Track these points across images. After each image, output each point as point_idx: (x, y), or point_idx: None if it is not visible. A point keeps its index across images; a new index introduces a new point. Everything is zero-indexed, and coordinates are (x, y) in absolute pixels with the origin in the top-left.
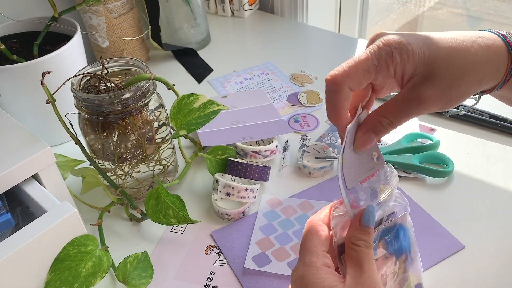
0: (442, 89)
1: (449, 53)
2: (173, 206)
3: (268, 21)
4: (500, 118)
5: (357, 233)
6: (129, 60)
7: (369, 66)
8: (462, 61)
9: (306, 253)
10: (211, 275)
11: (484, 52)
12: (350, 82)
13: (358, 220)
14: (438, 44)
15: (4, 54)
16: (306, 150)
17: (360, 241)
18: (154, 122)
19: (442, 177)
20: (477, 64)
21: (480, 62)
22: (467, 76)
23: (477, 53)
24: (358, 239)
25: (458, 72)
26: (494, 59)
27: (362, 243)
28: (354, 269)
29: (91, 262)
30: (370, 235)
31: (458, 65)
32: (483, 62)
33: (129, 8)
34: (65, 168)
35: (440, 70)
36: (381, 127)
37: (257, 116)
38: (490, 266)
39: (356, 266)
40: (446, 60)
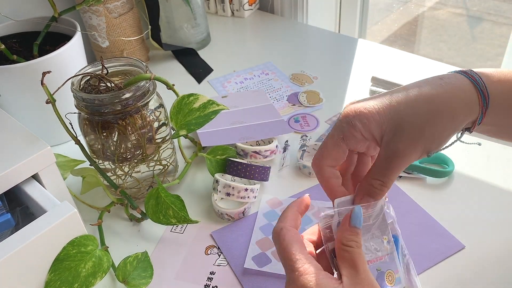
0: (413, 138)
1: (410, 104)
2: (173, 206)
3: (268, 21)
4: None
5: (347, 234)
6: (129, 60)
7: (336, 141)
8: (425, 106)
9: (294, 262)
10: (211, 275)
11: (448, 92)
12: (327, 161)
13: (348, 222)
14: (398, 98)
15: (4, 54)
16: (306, 150)
17: (351, 242)
18: (154, 122)
19: (442, 177)
20: (444, 105)
21: (446, 102)
22: (436, 119)
23: (440, 95)
24: (349, 240)
25: (423, 118)
26: (460, 95)
27: (353, 244)
28: (349, 270)
29: (91, 262)
30: (359, 236)
31: (421, 111)
32: (449, 101)
33: (129, 8)
34: (65, 168)
35: (405, 121)
36: (375, 189)
37: (257, 116)
38: (490, 266)
39: (351, 266)
40: (408, 110)
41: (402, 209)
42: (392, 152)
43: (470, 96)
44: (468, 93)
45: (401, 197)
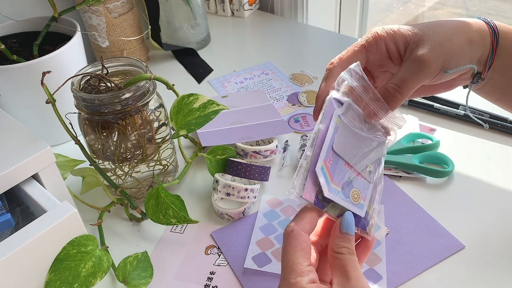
0: (434, 50)
1: (433, 27)
2: (173, 206)
3: (268, 21)
4: (500, 118)
5: (339, 241)
6: (129, 60)
7: (358, 47)
8: (445, 28)
9: (290, 271)
10: (211, 275)
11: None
12: (342, 63)
13: (338, 228)
14: (422, 25)
15: (4, 54)
16: None
17: (343, 249)
18: (154, 122)
19: (442, 177)
20: (460, 28)
21: (463, 27)
22: (454, 37)
23: (457, 24)
24: (340, 247)
25: (443, 36)
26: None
27: (344, 250)
28: (340, 278)
29: (91, 262)
30: (352, 242)
31: (442, 31)
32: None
33: (129, 8)
34: (65, 168)
35: (428, 37)
36: (389, 93)
37: (257, 116)
38: (490, 266)
39: (342, 274)
40: (431, 30)
41: (402, 209)
42: (415, 58)
43: (483, 29)
44: (482, 27)
45: (401, 197)
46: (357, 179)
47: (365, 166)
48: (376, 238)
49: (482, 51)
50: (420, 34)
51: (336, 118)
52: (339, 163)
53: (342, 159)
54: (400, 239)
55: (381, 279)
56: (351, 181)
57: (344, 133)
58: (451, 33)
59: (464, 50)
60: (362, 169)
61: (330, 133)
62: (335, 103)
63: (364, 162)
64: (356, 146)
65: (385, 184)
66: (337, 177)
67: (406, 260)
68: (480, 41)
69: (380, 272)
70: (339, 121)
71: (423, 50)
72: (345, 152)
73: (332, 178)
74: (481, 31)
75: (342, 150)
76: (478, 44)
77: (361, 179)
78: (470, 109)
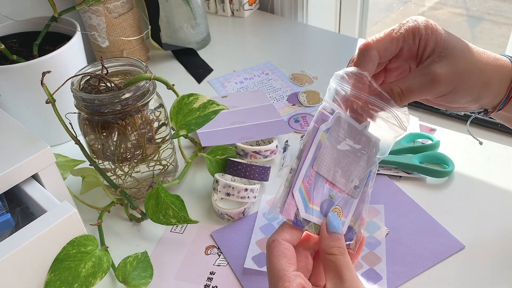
0: (454, 72)
1: (465, 47)
2: (173, 206)
3: (268, 21)
4: None
5: (329, 242)
6: (129, 60)
7: (397, 33)
8: (474, 57)
9: (277, 279)
10: (211, 275)
11: (493, 62)
12: (379, 45)
13: (325, 229)
14: (458, 38)
15: (4, 54)
16: None
17: (334, 248)
18: (154, 122)
19: (442, 177)
20: (486, 66)
21: (489, 66)
22: (476, 72)
23: (488, 58)
24: (331, 247)
25: (470, 64)
26: (499, 72)
27: (336, 250)
28: (334, 280)
29: (91, 262)
30: (341, 241)
31: (470, 59)
32: (490, 68)
33: (129, 8)
34: (65, 168)
35: (456, 56)
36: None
37: (257, 116)
38: (490, 266)
39: (336, 276)
40: (463, 51)
41: (402, 209)
42: (431, 72)
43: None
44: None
45: (401, 197)
46: (339, 196)
47: (350, 181)
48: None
49: (495, 96)
50: (450, 49)
51: (321, 134)
52: (319, 181)
53: (322, 177)
54: (400, 239)
55: (381, 279)
56: (331, 199)
57: (328, 149)
58: (477, 67)
59: (477, 92)
60: (346, 185)
61: (312, 151)
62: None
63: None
64: (340, 163)
65: (385, 184)
66: (317, 196)
67: (406, 260)
68: (497, 88)
69: (380, 272)
70: (323, 137)
71: (442, 69)
72: (327, 170)
73: (310, 199)
74: (502, 76)
75: (323, 168)
76: (494, 90)
77: (343, 195)
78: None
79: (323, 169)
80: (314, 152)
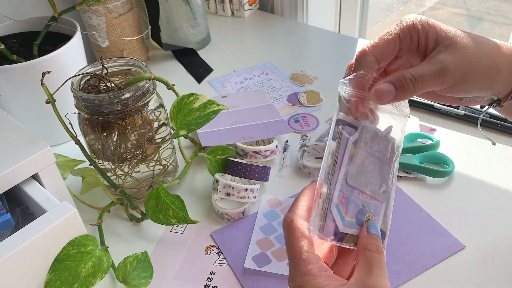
0: (462, 58)
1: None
2: (173, 206)
3: (268, 21)
4: (500, 118)
5: (367, 239)
6: (129, 60)
7: (391, 34)
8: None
9: (298, 261)
10: (211, 275)
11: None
12: (375, 50)
13: (365, 230)
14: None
15: (4, 54)
16: (306, 150)
17: (371, 245)
18: (154, 122)
19: (442, 177)
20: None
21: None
22: (485, 56)
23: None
24: (369, 244)
25: (476, 50)
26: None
27: (373, 247)
28: (363, 268)
29: (91, 262)
30: (379, 241)
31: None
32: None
33: (129, 8)
34: (65, 168)
35: (461, 43)
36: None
37: (257, 116)
38: (490, 266)
39: (365, 270)
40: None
41: (402, 209)
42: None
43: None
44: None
45: (401, 197)
46: (370, 203)
47: (380, 187)
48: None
49: (508, 83)
50: (452, 38)
51: (350, 146)
52: (353, 193)
53: (356, 189)
54: (400, 239)
55: None
56: (364, 207)
57: (359, 161)
58: (482, 52)
59: (488, 77)
60: (376, 192)
61: (344, 165)
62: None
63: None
64: (371, 171)
65: None
66: (351, 208)
67: (406, 260)
68: (509, 73)
69: None
70: (352, 149)
71: (449, 56)
72: (360, 182)
73: (346, 212)
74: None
75: (356, 181)
76: (507, 76)
77: (374, 202)
78: (469, 109)
79: (357, 181)
80: (346, 165)
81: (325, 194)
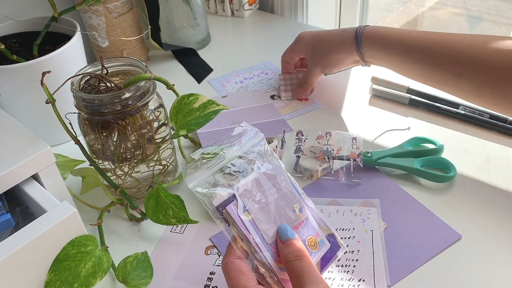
0: (317, 60)
1: (321, 39)
2: (173, 206)
3: (268, 21)
4: (500, 118)
5: (284, 250)
6: (129, 60)
7: (291, 49)
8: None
9: None
10: (211, 275)
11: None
12: (285, 57)
13: (279, 241)
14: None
15: (4, 54)
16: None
17: (289, 255)
18: (154, 122)
19: (443, 182)
20: (335, 44)
21: (337, 42)
22: (330, 53)
23: (335, 38)
24: (287, 254)
25: (325, 49)
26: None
27: (291, 256)
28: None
29: (91, 262)
30: (294, 245)
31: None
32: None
33: (129, 8)
34: (65, 168)
35: (317, 48)
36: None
37: (257, 115)
38: (490, 267)
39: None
40: (320, 42)
41: (398, 203)
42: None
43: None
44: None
45: (396, 191)
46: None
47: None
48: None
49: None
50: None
51: (245, 215)
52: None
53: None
54: (399, 233)
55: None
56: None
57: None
58: (329, 49)
59: (336, 62)
60: (295, 219)
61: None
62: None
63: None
64: (279, 208)
65: (381, 179)
66: None
67: (405, 253)
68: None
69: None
70: (248, 215)
71: (314, 59)
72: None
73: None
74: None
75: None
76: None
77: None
78: (469, 108)
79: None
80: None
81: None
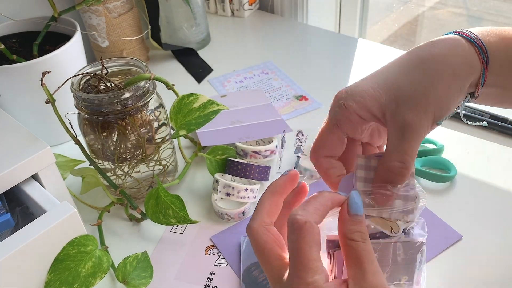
0: (419, 105)
1: (404, 71)
2: (173, 206)
3: (268, 21)
4: (500, 118)
5: (350, 225)
6: (129, 60)
7: (330, 128)
8: (421, 69)
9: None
10: (211, 276)
11: (443, 50)
12: (323, 151)
13: (346, 210)
14: (391, 68)
15: (4, 54)
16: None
17: (355, 234)
18: (154, 122)
19: (443, 182)
20: (440, 64)
21: (442, 60)
22: (436, 80)
23: (434, 55)
24: (353, 232)
25: (423, 82)
26: (456, 51)
27: (357, 236)
28: (355, 270)
29: (91, 262)
30: (363, 225)
31: (418, 76)
32: (446, 59)
33: (128, 8)
34: (65, 168)
35: (405, 89)
36: (394, 174)
37: (257, 115)
38: (490, 266)
39: (356, 266)
40: (404, 78)
41: None
42: (402, 126)
43: (468, 50)
44: (465, 47)
45: None
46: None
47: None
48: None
49: (472, 76)
50: (395, 90)
51: None
52: None
53: None
54: None
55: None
56: None
57: None
58: (431, 76)
59: (452, 90)
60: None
61: None
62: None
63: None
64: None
65: None
66: None
67: None
68: (467, 68)
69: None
70: None
71: (407, 112)
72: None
73: None
74: (465, 54)
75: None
76: (467, 72)
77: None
78: (469, 109)
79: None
80: None
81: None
